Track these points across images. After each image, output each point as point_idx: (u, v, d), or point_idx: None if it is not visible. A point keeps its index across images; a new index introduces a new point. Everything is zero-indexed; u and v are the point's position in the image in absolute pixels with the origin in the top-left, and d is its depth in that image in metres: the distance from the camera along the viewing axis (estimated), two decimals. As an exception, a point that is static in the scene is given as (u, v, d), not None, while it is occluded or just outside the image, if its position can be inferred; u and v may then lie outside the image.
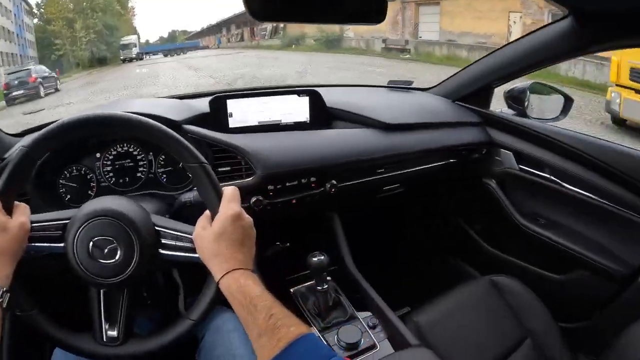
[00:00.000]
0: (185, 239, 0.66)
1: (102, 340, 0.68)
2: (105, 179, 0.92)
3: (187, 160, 0.65)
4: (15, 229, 0.60)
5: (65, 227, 0.66)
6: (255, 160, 0.94)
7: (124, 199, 0.71)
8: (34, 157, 0.64)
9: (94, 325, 0.68)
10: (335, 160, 1.03)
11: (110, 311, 0.68)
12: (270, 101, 1.06)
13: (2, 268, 0.58)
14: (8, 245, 0.59)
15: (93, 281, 0.65)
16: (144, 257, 0.65)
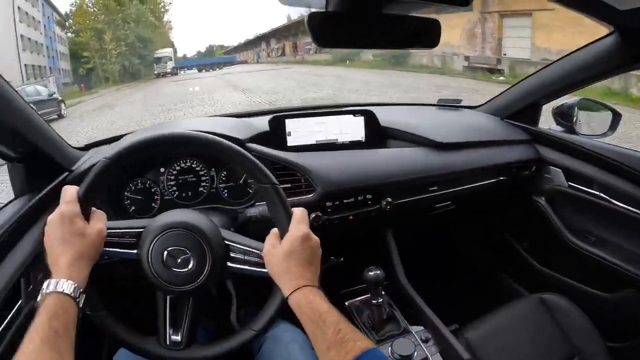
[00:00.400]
0: (254, 254, 0.86)
1: (165, 344, 0.87)
2: (169, 193, 1.19)
3: (261, 181, 0.85)
4: (94, 235, 0.77)
5: (140, 235, 0.85)
6: (315, 178, 1.21)
7: (197, 212, 0.92)
8: (114, 169, 0.82)
9: (159, 329, 0.87)
10: (391, 178, 1.28)
11: (175, 317, 0.87)
12: (327, 120, 1.36)
13: (81, 270, 0.73)
14: (86, 249, 0.75)
15: (164, 288, 0.84)
16: (214, 268, 0.84)
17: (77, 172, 1.13)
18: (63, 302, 0.68)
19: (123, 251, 0.85)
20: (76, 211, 0.76)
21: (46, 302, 0.67)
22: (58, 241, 0.74)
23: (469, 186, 1.41)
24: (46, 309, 0.66)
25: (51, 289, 0.68)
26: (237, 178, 1.22)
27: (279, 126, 1.32)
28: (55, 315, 0.65)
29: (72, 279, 0.70)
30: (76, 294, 0.69)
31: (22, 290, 0.91)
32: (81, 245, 0.74)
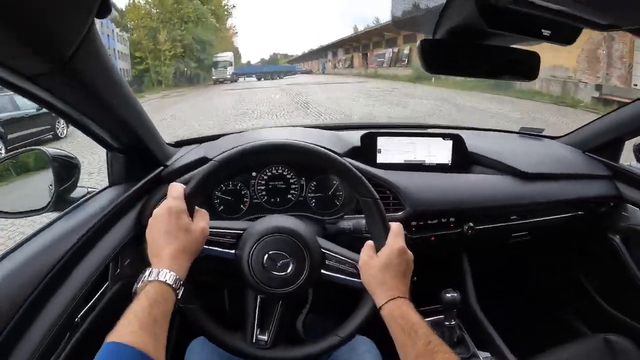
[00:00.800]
0: (349, 264, 1.06)
1: (251, 342, 1.06)
2: (258, 197, 1.45)
3: (363, 194, 1.05)
4: (197, 232, 0.93)
5: (240, 236, 1.06)
6: (405, 197, 1.42)
7: (298, 220, 1.13)
8: (222, 171, 1.02)
9: (246, 327, 1.07)
10: (475, 203, 1.48)
11: (264, 317, 1.07)
12: (416, 141, 1.58)
13: (182, 263, 0.89)
14: (189, 244, 0.91)
15: (260, 289, 1.03)
16: (311, 274, 1.04)
17: (172, 168, 1.40)
18: (164, 291, 0.81)
19: (222, 250, 1.05)
20: (182, 207, 0.93)
21: (147, 289, 0.81)
22: (163, 234, 0.90)
23: (546, 218, 1.58)
24: (147, 295, 0.79)
25: (153, 277, 0.83)
26: (326, 189, 1.45)
27: (371, 143, 1.55)
28: (155, 302, 0.78)
29: (173, 271, 0.85)
30: (177, 285, 0.84)
31: (110, 273, 1.15)
32: (185, 240, 0.90)
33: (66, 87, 0.87)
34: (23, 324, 0.81)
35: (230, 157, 1.02)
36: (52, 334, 0.85)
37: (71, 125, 1.08)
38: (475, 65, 0.99)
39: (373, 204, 1.04)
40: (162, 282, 0.82)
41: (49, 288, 0.89)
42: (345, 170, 1.07)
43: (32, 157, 1.31)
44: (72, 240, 0.99)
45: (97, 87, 0.92)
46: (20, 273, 0.86)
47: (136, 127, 1.18)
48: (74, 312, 0.96)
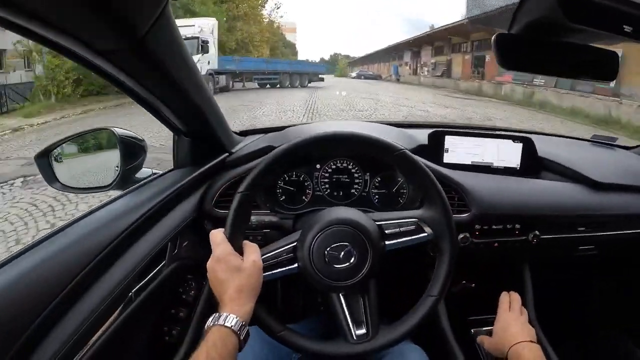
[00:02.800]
0: (408, 223, 1.10)
1: (353, 340, 1.07)
2: (321, 189, 1.47)
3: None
4: (249, 268, 0.97)
5: (295, 249, 1.08)
6: (471, 198, 1.40)
7: (340, 207, 1.16)
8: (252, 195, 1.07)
9: (342, 328, 1.08)
10: (543, 211, 1.44)
11: (354, 311, 1.08)
12: (485, 143, 1.55)
13: (242, 303, 0.93)
14: (245, 282, 0.95)
15: (334, 286, 1.06)
16: (376, 252, 1.05)
17: (235, 155, 1.44)
18: (223, 334, 0.87)
19: (284, 269, 1.07)
20: (228, 250, 0.98)
21: (208, 334, 0.88)
22: (218, 282, 0.96)
23: (615, 232, 1.52)
24: (207, 340, 0.86)
25: (215, 322, 0.89)
26: (390, 186, 1.45)
27: (438, 141, 1.54)
28: (214, 346, 0.85)
29: (234, 313, 0.90)
30: (237, 327, 0.89)
31: (168, 253, 1.18)
32: (239, 280, 0.95)
33: (139, 65, 0.90)
34: (78, 291, 0.85)
35: (252, 182, 1.06)
36: (105, 305, 0.90)
37: (141, 106, 1.12)
38: (552, 63, 0.98)
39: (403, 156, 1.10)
40: (221, 326, 0.88)
41: (107, 261, 0.94)
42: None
43: (101, 136, 1.38)
44: (134, 217, 1.04)
45: (168, 68, 0.95)
46: (80, 244, 0.91)
47: (205, 112, 1.22)
48: (129, 286, 1.00)
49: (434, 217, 1.12)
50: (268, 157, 1.08)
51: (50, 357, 0.75)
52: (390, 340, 1.08)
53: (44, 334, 0.76)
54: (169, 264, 1.20)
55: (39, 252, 0.85)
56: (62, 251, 0.87)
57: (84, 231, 0.95)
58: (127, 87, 1.00)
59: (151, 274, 1.11)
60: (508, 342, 1.17)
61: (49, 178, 1.28)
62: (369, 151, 1.19)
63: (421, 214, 1.13)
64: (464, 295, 1.60)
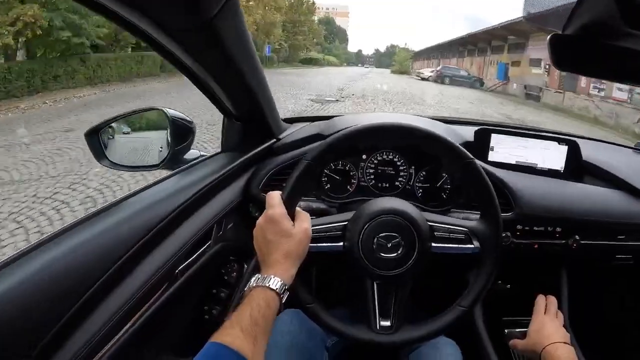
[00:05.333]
0: (458, 232, 1.12)
1: (376, 329, 1.10)
2: (366, 180, 1.51)
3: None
4: (300, 234, 0.99)
5: (345, 227, 1.11)
6: (516, 197, 1.43)
7: (402, 200, 1.16)
8: (315, 167, 1.08)
9: (369, 315, 1.11)
10: (585, 216, 1.45)
11: (383, 302, 1.11)
12: (530, 143, 1.57)
13: (287, 268, 0.96)
14: (293, 248, 0.97)
15: (375, 273, 1.08)
16: (422, 250, 1.08)
17: (283, 142, 1.49)
18: (266, 296, 0.89)
19: (330, 244, 1.10)
20: (281, 213, 1.00)
21: (251, 293, 0.90)
22: (266, 242, 0.98)
23: None
24: (250, 300, 0.88)
25: (259, 283, 0.91)
26: (435, 180, 1.49)
27: (484, 139, 1.57)
28: (258, 307, 0.87)
29: (278, 276, 0.93)
30: (281, 290, 0.91)
31: (213, 233, 1.23)
32: (287, 245, 0.97)
33: (203, 47, 0.95)
34: (127, 268, 0.89)
35: (320, 153, 1.09)
36: (153, 281, 0.94)
37: (196, 87, 1.18)
38: (609, 67, 1.00)
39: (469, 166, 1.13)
40: (266, 287, 0.91)
41: (156, 239, 0.98)
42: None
43: (150, 115, 1.43)
44: (183, 197, 1.08)
45: (232, 51, 0.99)
46: (131, 221, 0.95)
47: (258, 96, 1.26)
48: (176, 264, 1.05)
49: (485, 232, 1.13)
50: (340, 134, 1.11)
51: (100, 327, 0.80)
52: (410, 339, 1.12)
53: (94, 306, 0.81)
54: (214, 244, 1.25)
55: (91, 228, 0.89)
56: (114, 227, 0.91)
57: (135, 208, 0.99)
58: (186, 67, 1.05)
59: (196, 254, 1.16)
60: (542, 343, 1.21)
61: (98, 155, 1.34)
62: (438, 152, 1.20)
63: (474, 226, 1.14)
64: (499, 295, 1.63)
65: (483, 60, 38.48)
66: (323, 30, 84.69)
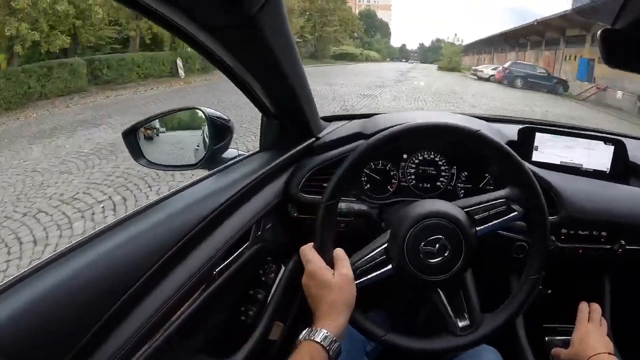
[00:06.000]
0: (497, 205, 1.11)
1: (458, 332, 1.09)
2: (407, 180, 1.49)
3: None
4: (340, 283, 1.00)
5: (387, 250, 1.08)
6: (561, 200, 1.39)
7: (423, 200, 1.16)
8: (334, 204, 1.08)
9: (446, 322, 1.10)
10: (632, 220, 1.41)
11: (453, 304, 1.11)
12: (575, 142, 1.53)
13: (335, 318, 0.96)
14: (337, 297, 0.98)
15: (431, 282, 1.07)
16: (469, 244, 1.06)
17: (322, 141, 1.48)
18: (312, 349, 0.91)
19: (379, 272, 1.08)
20: (318, 266, 1.02)
21: (298, 348, 0.92)
22: (311, 297, 1.01)
23: None
24: (297, 353, 0.91)
25: (305, 337, 0.93)
26: (476, 182, 1.47)
27: (528, 138, 1.53)
28: None
29: (325, 327, 0.94)
30: (327, 342, 0.92)
31: (252, 234, 1.23)
32: (330, 296, 0.98)
33: (244, 44, 0.94)
34: (166, 268, 0.90)
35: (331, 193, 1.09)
36: (191, 283, 0.94)
37: (235, 85, 1.17)
38: None
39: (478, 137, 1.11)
40: (311, 341, 0.92)
41: (195, 240, 0.98)
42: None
43: (190, 115, 1.43)
44: (222, 198, 1.08)
45: (272, 48, 0.98)
46: (170, 222, 0.95)
47: (299, 94, 1.25)
48: (214, 265, 1.05)
49: (520, 194, 1.12)
50: (346, 163, 1.10)
51: (138, 328, 0.81)
52: (495, 327, 1.11)
53: (128, 311, 0.81)
54: (252, 245, 1.25)
55: (128, 229, 0.90)
56: (152, 228, 0.92)
57: (175, 209, 1.00)
58: (226, 66, 1.05)
59: (235, 255, 1.16)
60: (586, 354, 1.17)
61: (136, 154, 1.35)
62: (450, 138, 1.21)
63: (508, 193, 1.13)
64: (540, 300, 1.57)
65: (554, 54, 30.69)
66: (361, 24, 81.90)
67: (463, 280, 1.13)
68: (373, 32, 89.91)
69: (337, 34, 51.48)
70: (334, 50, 53.55)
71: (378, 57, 71.45)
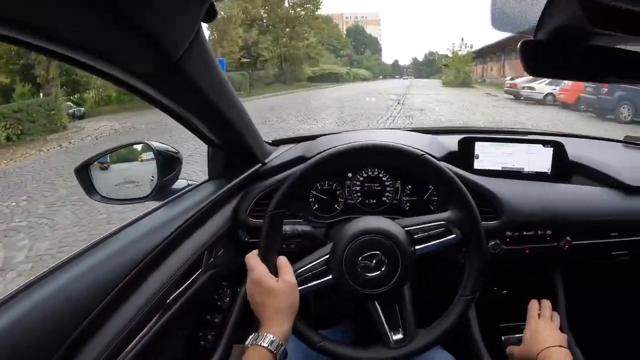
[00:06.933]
0: (437, 227, 1.16)
1: (391, 345, 1.15)
2: (353, 198, 1.54)
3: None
4: (284, 289, 1.05)
5: (328, 261, 1.15)
6: (501, 205, 1.44)
7: (367, 217, 1.22)
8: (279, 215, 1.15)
9: (381, 334, 1.16)
10: (575, 216, 1.48)
11: (389, 317, 1.17)
12: (515, 148, 1.59)
13: (279, 324, 1.02)
14: (281, 304, 1.03)
15: (368, 295, 1.13)
16: (405, 258, 1.13)
17: (269, 166, 1.52)
18: (260, 355, 0.96)
19: (319, 281, 1.15)
20: (262, 273, 1.07)
21: (246, 354, 0.97)
22: (256, 304, 1.06)
23: None
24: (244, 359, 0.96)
25: (252, 342, 0.98)
26: (421, 193, 1.52)
27: (468, 148, 1.59)
28: None
29: (271, 333, 0.99)
30: (274, 347, 0.97)
31: (204, 261, 1.27)
32: (275, 302, 1.03)
33: (175, 87, 0.98)
34: (117, 301, 0.92)
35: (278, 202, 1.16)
36: (144, 313, 0.97)
37: (176, 121, 1.21)
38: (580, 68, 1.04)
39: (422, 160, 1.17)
40: (258, 346, 0.97)
41: (145, 271, 1.01)
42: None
43: (138, 149, 1.46)
44: (171, 228, 1.11)
45: (203, 87, 1.02)
46: (121, 255, 0.98)
47: (238, 125, 1.30)
48: (167, 293, 1.08)
49: (461, 218, 1.17)
50: (292, 176, 1.17)
51: (96, 357, 0.83)
52: (427, 343, 1.16)
53: (85, 341, 0.84)
54: (205, 272, 1.29)
55: (80, 264, 0.92)
56: (103, 262, 0.95)
57: (124, 242, 1.03)
58: (164, 106, 1.09)
59: (188, 282, 1.19)
60: (536, 349, 1.22)
61: (89, 190, 1.38)
62: (394, 160, 1.28)
63: (448, 216, 1.18)
64: (495, 302, 1.64)
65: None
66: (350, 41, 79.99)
67: (400, 295, 1.18)
68: (362, 49, 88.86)
69: (311, 49, 41.46)
70: (314, 71, 45.58)
71: (368, 75, 68.10)
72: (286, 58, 38.74)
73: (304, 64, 42.33)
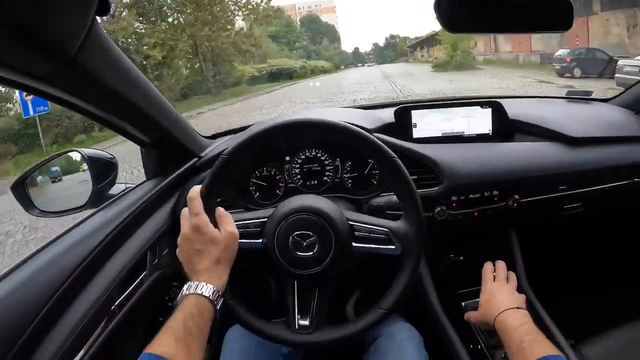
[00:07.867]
0: (379, 232, 1.11)
1: (294, 329, 1.13)
2: (294, 181, 1.53)
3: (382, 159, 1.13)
4: (227, 239, 1.02)
5: (264, 224, 1.12)
6: (442, 170, 1.45)
7: (319, 197, 1.18)
8: (232, 162, 1.09)
9: (288, 315, 1.14)
10: (520, 174, 1.49)
11: (303, 302, 1.14)
12: (453, 112, 1.60)
13: (219, 275, 0.99)
14: (222, 254, 1.00)
15: (290, 272, 1.10)
16: (340, 249, 1.08)
17: (206, 158, 1.50)
18: (200, 303, 0.92)
19: (249, 241, 1.12)
20: (205, 221, 1.02)
21: (184, 302, 0.92)
22: (194, 252, 1.00)
23: (600, 187, 1.57)
24: (183, 309, 0.90)
25: (191, 291, 0.94)
26: (362, 169, 1.51)
27: (405, 117, 1.59)
28: (190, 315, 0.89)
29: (210, 283, 0.95)
30: (214, 297, 0.94)
31: (148, 262, 1.26)
32: (216, 252, 1.00)
33: (78, 83, 0.95)
34: (57, 310, 0.90)
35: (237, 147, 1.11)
36: (86, 321, 0.95)
37: (99, 123, 1.18)
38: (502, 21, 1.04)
39: (392, 163, 1.13)
40: (199, 295, 0.93)
41: (83, 278, 0.99)
42: (357, 136, 1.13)
43: (69, 158, 1.45)
44: (106, 231, 1.10)
45: (109, 82, 0.99)
46: (57, 264, 0.97)
47: (161, 119, 1.26)
48: (110, 300, 1.06)
49: (406, 232, 1.13)
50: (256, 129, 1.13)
51: None
52: (326, 341, 1.14)
53: (27, 355, 0.82)
54: (151, 273, 1.27)
55: (14, 277, 0.91)
56: (39, 273, 0.93)
57: (60, 251, 1.01)
58: (77, 107, 1.05)
59: (132, 286, 1.18)
60: (493, 313, 1.21)
61: (27, 206, 1.36)
62: (364, 151, 1.24)
63: (396, 227, 1.14)
64: (452, 269, 1.66)
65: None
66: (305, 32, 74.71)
67: (323, 282, 1.17)
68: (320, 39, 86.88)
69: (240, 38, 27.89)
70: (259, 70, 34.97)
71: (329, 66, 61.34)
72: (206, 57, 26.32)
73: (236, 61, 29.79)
